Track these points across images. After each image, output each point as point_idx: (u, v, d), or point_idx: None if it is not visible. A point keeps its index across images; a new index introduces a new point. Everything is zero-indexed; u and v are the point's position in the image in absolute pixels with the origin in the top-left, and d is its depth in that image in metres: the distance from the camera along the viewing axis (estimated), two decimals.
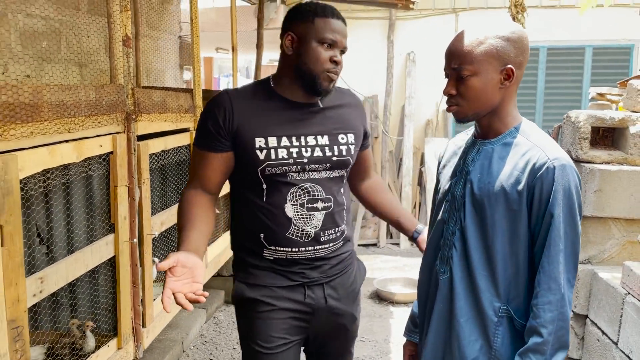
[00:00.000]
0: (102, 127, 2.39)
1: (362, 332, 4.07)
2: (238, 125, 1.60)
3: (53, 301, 2.54)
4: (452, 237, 1.44)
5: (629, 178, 2.28)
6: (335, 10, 1.63)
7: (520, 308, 1.38)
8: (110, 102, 2.44)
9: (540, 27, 6.26)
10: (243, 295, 1.71)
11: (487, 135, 1.44)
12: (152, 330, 2.90)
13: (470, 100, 1.38)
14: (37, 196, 2.37)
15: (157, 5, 5.45)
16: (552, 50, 6.41)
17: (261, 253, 1.68)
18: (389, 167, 6.45)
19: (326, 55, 1.59)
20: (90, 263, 2.33)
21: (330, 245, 1.71)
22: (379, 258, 5.90)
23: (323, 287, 1.72)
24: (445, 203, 1.49)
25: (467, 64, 1.35)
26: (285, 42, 1.62)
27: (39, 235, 2.48)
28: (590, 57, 6.36)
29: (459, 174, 1.47)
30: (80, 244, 2.36)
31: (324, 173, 1.68)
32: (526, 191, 1.32)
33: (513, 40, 1.36)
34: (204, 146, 1.64)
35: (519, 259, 1.36)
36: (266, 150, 1.60)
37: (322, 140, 1.67)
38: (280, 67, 1.67)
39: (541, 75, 6.45)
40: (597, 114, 2.31)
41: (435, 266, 1.50)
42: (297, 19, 1.61)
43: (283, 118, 1.64)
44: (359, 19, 6.65)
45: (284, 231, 1.64)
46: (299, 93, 1.65)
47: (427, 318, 1.52)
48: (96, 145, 2.34)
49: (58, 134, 2.09)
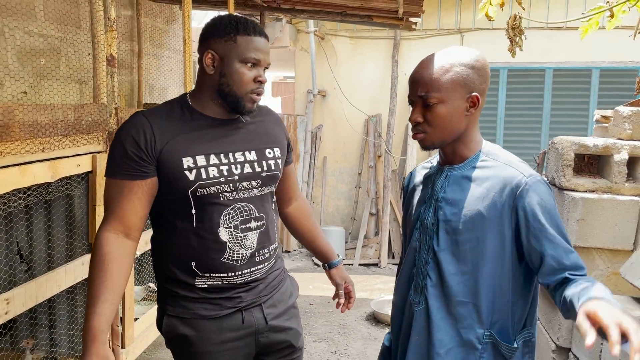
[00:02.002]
0: (81, 146, 2.39)
1: (355, 354, 4.02)
2: (161, 147, 1.49)
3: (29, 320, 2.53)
4: (426, 267, 1.41)
5: (612, 207, 2.21)
6: (257, 27, 1.54)
7: (504, 330, 1.36)
8: (90, 121, 2.45)
9: (546, 48, 6.21)
10: (176, 332, 1.60)
11: (452, 161, 1.43)
12: (132, 351, 2.87)
13: (437, 128, 1.37)
14: (16, 214, 2.37)
15: (161, 24, 5.51)
16: (558, 71, 6.34)
17: (193, 283, 1.57)
18: (392, 186, 6.40)
19: (250, 75, 1.51)
20: (63, 283, 2.32)
21: (265, 264, 1.64)
22: (379, 279, 5.83)
23: (261, 307, 1.65)
24: (416, 231, 1.46)
25: (434, 92, 1.34)
26: (205, 61, 1.52)
27: (19, 252, 2.48)
28: (597, 79, 6.28)
29: (428, 201, 1.44)
30: (54, 264, 2.36)
31: (256, 191, 1.60)
32: (508, 211, 1.31)
33: (477, 68, 1.35)
34: (123, 175, 1.48)
35: (503, 279, 1.34)
36: (195, 170, 1.50)
37: (250, 156, 1.60)
38: (199, 84, 1.58)
39: (547, 97, 6.38)
40: (581, 141, 2.25)
41: (409, 297, 1.46)
42: (218, 36, 1.50)
43: (208, 136, 1.55)
44: (363, 38, 6.66)
45: (218, 256, 1.55)
46: (219, 110, 1.57)
47: (402, 352, 1.48)
48: (73, 165, 2.34)
49: (31, 153, 2.09)
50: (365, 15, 4.70)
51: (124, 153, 1.47)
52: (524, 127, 6.38)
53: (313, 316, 4.87)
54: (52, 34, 3.83)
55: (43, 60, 3.84)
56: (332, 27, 6.71)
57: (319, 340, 4.35)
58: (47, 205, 2.48)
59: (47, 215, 2.50)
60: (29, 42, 3.61)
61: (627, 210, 2.21)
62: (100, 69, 2.53)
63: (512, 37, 4.07)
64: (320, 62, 6.77)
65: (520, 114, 6.43)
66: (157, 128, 1.50)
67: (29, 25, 3.60)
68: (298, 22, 6.78)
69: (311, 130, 6.79)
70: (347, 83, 6.73)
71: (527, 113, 6.41)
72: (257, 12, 4.84)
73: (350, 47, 6.75)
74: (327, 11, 4.77)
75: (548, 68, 6.35)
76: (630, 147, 2.23)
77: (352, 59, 6.75)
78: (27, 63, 3.65)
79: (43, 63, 3.84)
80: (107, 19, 2.57)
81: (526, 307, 1.41)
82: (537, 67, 6.36)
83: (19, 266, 2.44)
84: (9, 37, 3.49)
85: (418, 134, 1.40)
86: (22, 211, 2.37)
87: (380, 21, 4.72)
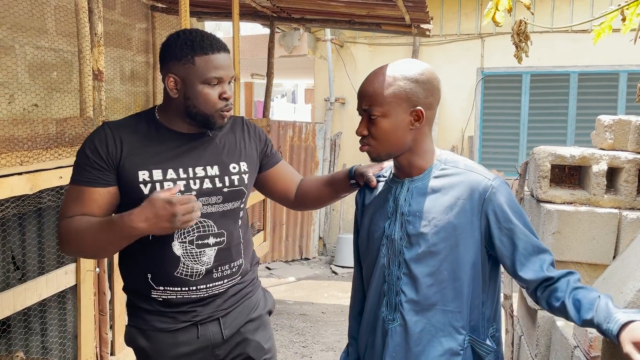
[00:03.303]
0: (64, 159, 2.46)
1: None
2: (122, 157, 1.50)
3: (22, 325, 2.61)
4: (398, 282, 1.39)
5: (590, 220, 2.13)
6: (215, 42, 1.50)
7: (478, 328, 1.39)
8: (74, 134, 2.52)
9: (570, 52, 6.03)
10: (135, 342, 1.61)
11: (410, 173, 1.42)
12: (123, 358, 2.93)
13: (380, 141, 1.37)
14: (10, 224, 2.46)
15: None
16: (583, 75, 6.15)
17: (149, 294, 1.57)
18: None
19: (214, 94, 1.49)
20: (44, 292, 2.39)
21: (225, 281, 1.62)
22: None
23: (219, 321, 1.62)
24: (382, 247, 1.43)
25: (376, 106, 1.35)
26: (168, 84, 1.50)
27: (13, 260, 2.57)
28: (625, 82, 6.05)
29: (392, 215, 1.42)
30: (34, 274, 2.43)
31: (217, 207, 1.58)
32: (478, 215, 1.34)
33: (422, 81, 1.35)
34: (85, 182, 1.49)
35: (476, 282, 1.37)
36: (150, 184, 1.50)
37: (212, 171, 1.57)
38: (167, 103, 1.57)
39: (572, 102, 6.19)
40: (557, 151, 2.18)
41: (381, 314, 1.43)
42: (176, 59, 1.47)
43: (170, 150, 1.54)
44: (382, 45, 6.63)
45: (172, 270, 1.54)
46: (188, 126, 1.56)
47: None
48: (55, 177, 2.40)
49: (7, 167, 2.17)
50: (373, 23, 4.68)
51: (86, 161, 1.50)
52: (549, 132, 6.21)
53: (324, 325, 4.86)
54: (63, 47, 3.96)
55: (55, 73, 3.98)
56: (351, 35, 6.70)
57: (326, 349, 4.34)
58: (35, 215, 2.56)
59: (38, 225, 2.58)
60: (40, 56, 3.75)
61: (605, 223, 2.12)
62: (86, 84, 2.60)
63: (518, 42, 3.98)
64: (338, 69, 6.77)
65: (544, 119, 6.26)
66: (119, 140, 1.51)
67: (40, 40, 3.74)
68: (317, 31, 6.81)
69: (330, 138, 6.79)
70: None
71: (550, 119, 6.24)
72: (267, 22, 4.88)
73: (368, 55, 6.73)
74: (336, 20, 4.77)
75: (573, 72, 6.16)
76: (610, 158, 2.14)
77: (370, 66, 6.70)
78: (38, 76, 3.79)
79: (55, 76, 3.99)
80: (93, 35, 2.64)
81: (493, 304, 1.43)
82: (562, 72, 6.18)
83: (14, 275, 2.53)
84: (19, 52, 3.64)
85: (364, 146, 1.41)
86: (14, 220, 2.46)
87: (389, 28, 4.70)
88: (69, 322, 2.69)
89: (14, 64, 3.59)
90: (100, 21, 2.68)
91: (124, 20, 4.56)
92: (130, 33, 4.66)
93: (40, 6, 3.61)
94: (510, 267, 1.36)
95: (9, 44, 3.53)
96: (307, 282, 6.08)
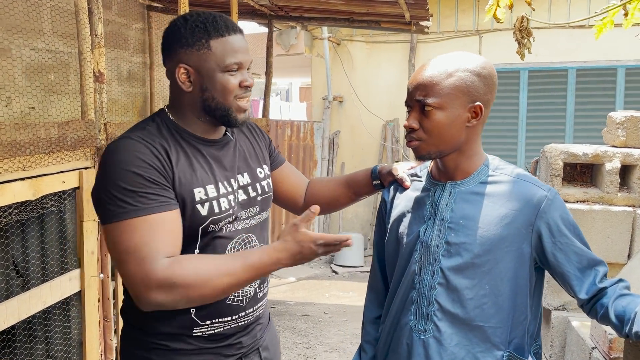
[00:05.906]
0: (66, 163, 2.41)
1: None
2: (174, 174, 1.25)
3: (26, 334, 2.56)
4: (432, 292, 1.30)
5: (604, 219, 2.10)
6: (229, 22, 1.30)
7: (519, 347, 1.31)
8: (77, 138, 2.47)
9: (568, 47, 6.02)
10: None
11: (454, 177, 1.32)
12: None
13: (433, 136, 1.26)
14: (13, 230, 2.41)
15: None
16: (581, 71, 6.14)
17: (190, 334, 1.32)
18: None
19: (235, 82, 1.28)
20: (48, 299, 2.34)
21: (265, 300, 1.46)
22: None
23: (259, 351, 1.46)
24: (415, 253, 1.33)
25: (433, 96, 1.24)
26: (179, 77, 1.28)
27: (15, 267, 2.52)
28: (623, 78, 6.05)
29: (429, 220, 1.33)
30: (37, 280, 2.38)
31: (256, 218, 1.41)
32: (529, 228, 1.25)
33: (483, 76, 1.25)
34: (151, 208, 1.19)
35: (520, 297, 1.29)
36: (208, 203, 1.27)
37: (244, 180, 1.39)
38: (177, 102, 1.34)
39: (570, 98, 6.18)
40: (570, 149, 2.15)
41: (409, 322, 1.33)
42: (187, 46, 1.26)
43: (209, 161, 1.33)
44: (379, 42, 6.59)
45: (224, 299, 1.31)
46: (206, 128, 1.35)
47: None
48: (58, 182, 2.36)
49: (9, 172, 2.12)
50: (372, 21, 4.65)
51: (142, 181, 1.19)
52: (546, 129, 6.19)
53: (327, 325, 4.83)
54: (60, 49, 3.91)
55: (52, 75, 3.92)
56: (348, 33, 6.67)
57: (330, 350, 4.31)
58: (37, 221, 2.51)
59: (40, 231, 2.53)
60: (36, 58, 3.69)
61: (619, 222, 2.10)
62: (87, 86, 2.55)
63: (520, 39, 3.96)
64: (336, 67, 6.74)
65: (542, 115, 6.25)
66: (162, 149, 1.26)
67: (36, 41, 3.68)
68: (313, 29, 6.76)
69: (328, 137, 6.76)
70: (364, 88, 6.68)
71: (549, 115, 6.23)
72: (265, 21, 4.84)
73: (366, 52, 6.69)
74: (335, 18, 4.74)
75: (571, 68, 6.15)
76: (623, 155, 2.12)
77: (368, 64, 6.69)
78: (35, 79, 3.73)
79: (52, 78, 3.93)
80: (94, 36, 2.59)
81: (537, 320, 1.36)
82: (560, 67, 6.17)
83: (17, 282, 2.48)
84: (15, 54, 3.58)
85: (412, 142, 1.30)
86: (17, 227, 2.41)
87: (389, 26, 4.66)
88: (74, 329, 2.65)
89: (11, 66, 3.54)
90: (101, 22, 2.64)
91: (120, 21, 4.51)
92: (126, 33, 4.61)
93: (37, 8, 3.55)
94: (564, 282, 1.29)
95: (5, 46, 3.48)
96: (308, 282, 6.05)
